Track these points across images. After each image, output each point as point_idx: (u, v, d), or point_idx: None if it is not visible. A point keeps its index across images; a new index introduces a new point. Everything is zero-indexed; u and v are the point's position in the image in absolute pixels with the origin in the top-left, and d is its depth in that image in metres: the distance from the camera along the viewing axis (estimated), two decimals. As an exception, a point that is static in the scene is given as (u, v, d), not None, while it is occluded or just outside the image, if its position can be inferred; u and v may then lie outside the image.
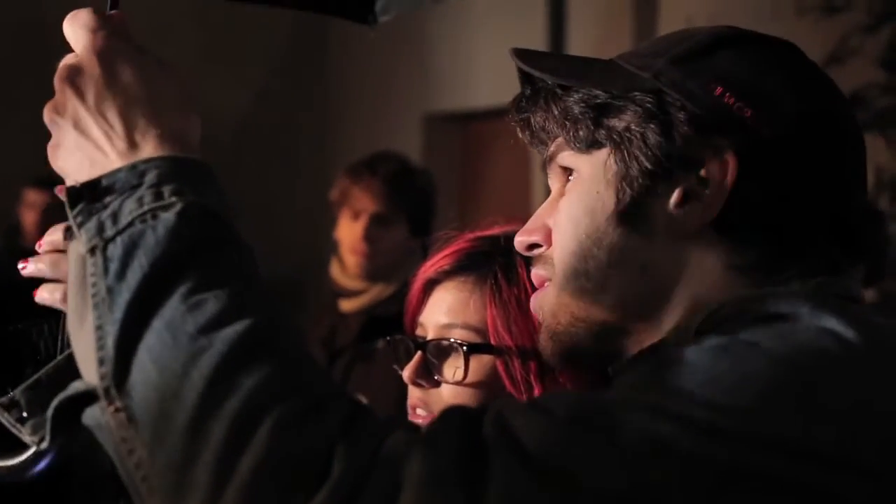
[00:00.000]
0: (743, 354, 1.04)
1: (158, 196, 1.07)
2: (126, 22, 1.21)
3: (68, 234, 1.11)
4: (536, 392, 1.56)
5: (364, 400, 3.20)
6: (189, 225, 1.06)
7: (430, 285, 1.66)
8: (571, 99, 1.25)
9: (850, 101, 1.31)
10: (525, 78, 1.32)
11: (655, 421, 0.99)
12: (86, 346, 1.06)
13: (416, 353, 1.64)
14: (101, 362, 1.04)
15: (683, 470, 0.97)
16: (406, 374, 1.64)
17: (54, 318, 1.36)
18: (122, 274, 1.04)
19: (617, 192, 1.23)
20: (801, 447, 1.00)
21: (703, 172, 1.20)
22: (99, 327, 1.04)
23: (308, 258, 6.96)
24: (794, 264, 1.20)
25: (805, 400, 1.02)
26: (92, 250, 1.07)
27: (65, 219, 3.91)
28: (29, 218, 5.72)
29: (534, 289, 1.46)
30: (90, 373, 1.06)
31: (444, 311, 1.63)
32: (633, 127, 1.21)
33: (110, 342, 1.03)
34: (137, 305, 1.03)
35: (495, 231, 1.69)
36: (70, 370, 1.11)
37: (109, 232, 1.06)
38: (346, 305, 3.62)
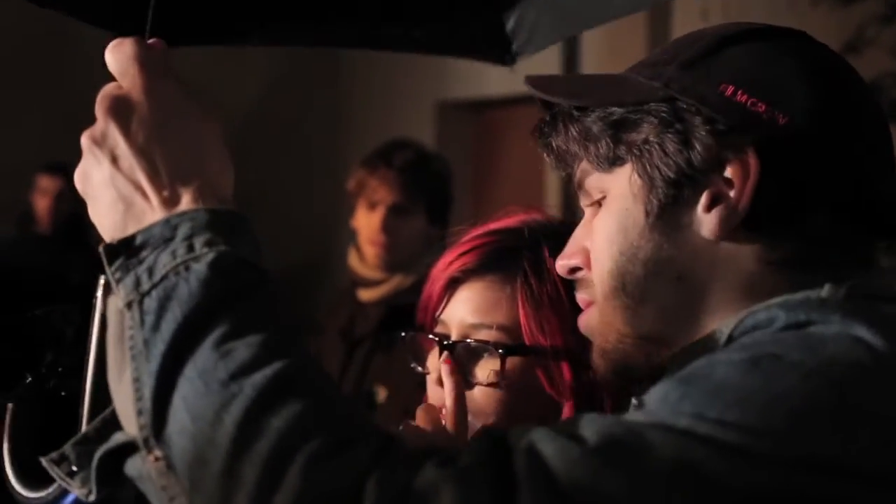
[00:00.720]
0: (773, 370, 1.04)
1: (190, 248, 1.09)
2: (167, 52, 1.22)
3: (107, 289, 1.13)
4: (569, 391, 1.55)
5: (383, 390, 3.16)
6: (220, 275, 1.08)
7: (454, 283, 1.62)
8: (588, 119, 1.27)
9: (867, 85, 1.30)
10: (544, 103, 1.33)
11: (687, 446, 0.99)
12: (125, 397, 1.08)
13: (441, 353, 1.60)
14: (139, 413, 1.06)
15: (716, 495, 0.98)
16: (436, 376, 1.60)
17: (72, 304, 1.37)
18: (157, 326, 1.06)
19: (645, 205, 1.24)
20: (838, 465, 1.00)
21: (726, 173, 1.20)
22: (136, 379, 1.06)
23: (322, 247, 6.98)
24: (826, 255, 1.20)
25: (839, 417, 1.02)
26: (129, 304, 1.09)
27: (77, 206, 3.90)
28: (41, 204, 5.74)
29: (563, 283, 1.50)
30: (130, 424, 1.08)
31: (470, 310, 1.60)
32: (651, 138, 1.22)
33: (147, 393, 1.05)
34: (172, 356, 1.05)
35: (516, 222, 1.66)
36: (116, 424, 1.13)
37: (145, 286, 1.09)
38: (365, 295, 3.60)
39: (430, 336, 1.63)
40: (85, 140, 1.16)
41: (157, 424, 1.05)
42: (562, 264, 1.35)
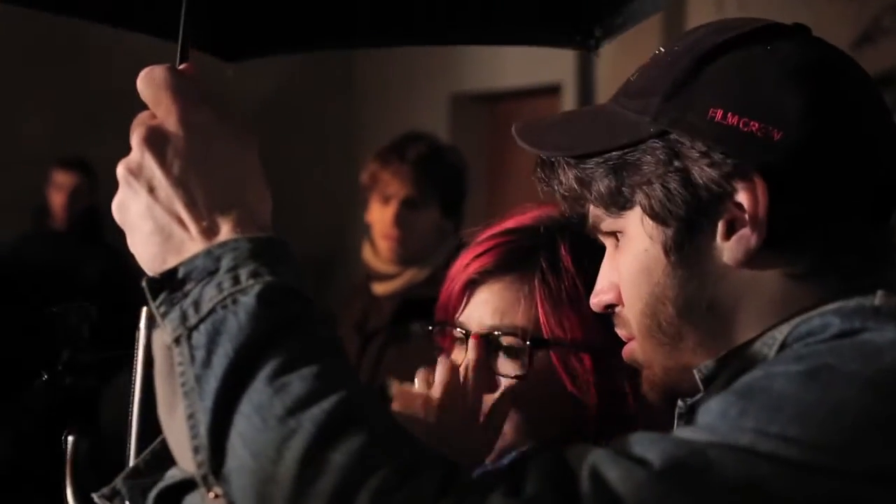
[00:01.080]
0: (830, 382, 1.03)
1: (236, 280, 1.09)
2: (199, 77, 1.22)
3: (150, 322, 1.13)
4: (591, 387, 1.55)
5: (396, 384, 3.14)
6: (268, 306, 1.07)
7: (472, 285, 1.62)
8: (587, 166, 1.26)
9: (858, 69, 1.26)
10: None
11: (751, 463, 0.99)
12: (179, 434, 1.08)
13: (467, 348, 1.59)
14: (196, 451, 1.05)
15: None
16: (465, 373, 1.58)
17: (89, 301, 1.37)
18: (208, 361, 1.06)
19: (663, 244, 1.23)
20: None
21: (737, 199, 1.19)
22: (191, 416, 1.06)
23: (337, 239, 6.99)
24: (848, 258, 1.20)
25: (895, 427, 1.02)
26: (177, 340, 1.08)
27: (92, 200, 3.91)
28: (57, 199, 5.74)
29: (581, 279, 1.53)
30: (186, 460, 1.08)
31: (489, 312, 1.59)
32: (653, 179, 1.21)
33: (203, 430, 1.05)
34: (226, 392, 1.04)
35: (531, 220, 1.65)
36: (166, 456, 1.13)
37: (192, 320, 1.08)
38: (379, 289, 3.59)
39: (457, 331, 1.62)
40: (121, 170, 1.15)
41: (216, 462, 1.04)
42: (595, 302, 1.34)
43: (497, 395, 1.56)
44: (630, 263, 1.26)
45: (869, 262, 1.20)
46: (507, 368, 1.57)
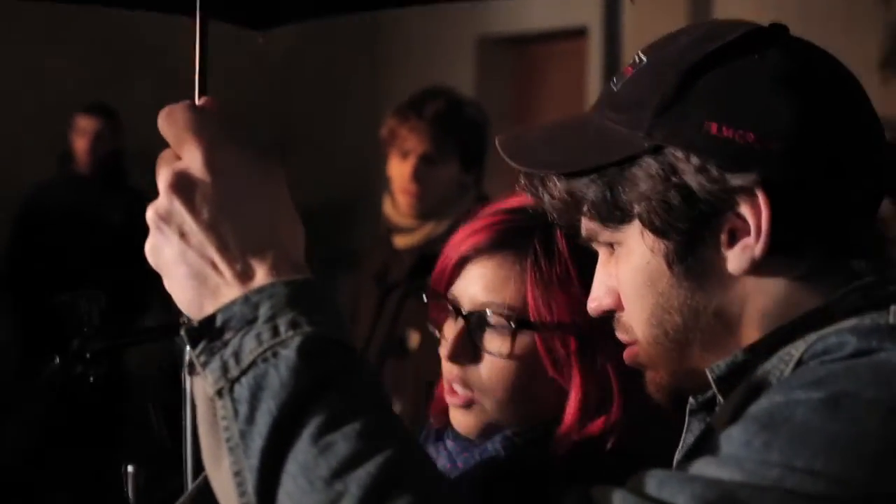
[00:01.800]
0: (851, 411, 1.04)
1: (276, 332, 1.08)
2: (220, 109, 1.21)
3: (191, 368, 1.12)
4: (574, 371, 1.57)
5: (416, 336, 3.15)
6: (309, 361, 1.07)
7: (465, 261, 1.64)
8: (580, 182, 1.25)
9: (840, 66, 1.26)
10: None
11: (784, 501, 1.00)
12: (226, 487, 1.09)
13: (457, 320, 1.63)
14: None
15: None
16: (445, 351, 1.63)
17: (99, 288, 1.36)
18: (251, 418, 1.06)
19: (665, 257, 1.23)
20: None
21: (739, 210, 1.19)
22: (237, 473, 1.06)
23: (362, 185, 6.98)
24: (848, 257, 1.21)
25: None
26: (219, 392, 1.08)
27: (116, 144, 3.95)
28: (80, 144, 5.73)
29: (574, 263, 1.56)
30: None
31: (480, 287, 1.61)
32: (651, 196, 1.20)
33: (251, 489, 1.06)
34: (271, 451, 1.05)
35: (529, 201, 1.63)
36: (211, 495, 1.13)
37: (234, 372, 1.08)
38: (400, 241, 3.63)
39: (448, 304, 1.65)
40: (150, 216, 1.14)
41: None
42: (594, 307, 1.33)
43: (480, 369, 1.60)
44: (632, 275, 1.26)
45: (869, 259, 1.21)
46: (492, 345, 1.60)
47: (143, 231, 1.13)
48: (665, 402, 1.31)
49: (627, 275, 1.27)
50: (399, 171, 3.58)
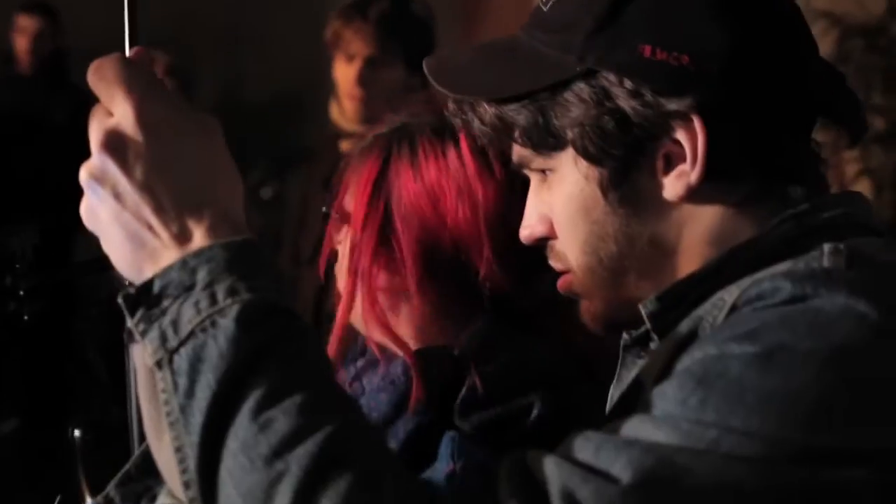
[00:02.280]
0: (787, 364, 1.03)
1: (213, 300, 1.05)
2: (149, 58, 1.16)
3: (129, 336, 1.10)
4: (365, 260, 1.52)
5: None
6: (248, 329, 1.05)
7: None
8: (510, 108, 1.23)
9: None
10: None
11: (719, 465, 0.99)
12: (168, 461, 1.07)
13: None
14: (186, 486, 1.05)
15: None
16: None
17: (30, 224, 1.34)
18: (191, 391, 1.04)
19: (599, 184, 1.21)
20: (858, 453, 1.00)
21: (674, 135, 1.17)
22: (178, 449, 1.05)
23: (309, 79, 6.90)
24: (784, 182, 1.21)
25: (854, 408, 1.02)
26: (158, 363, 1.06)
27: (57, 43, 3.89)
28: (21, 44, 5.62)
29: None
30: (177, 489, 1.07)
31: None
32: (584, 122, 1.19)
33: (192, 465, 1.04)
34: (212, 426, 1.03)
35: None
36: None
37: (172, 343, 1.06)
38: (347, 146, 3.52)
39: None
40: (84, 176, 1.11)
41: (207, 498, 1.04)
42: (526, 235, 1.32)
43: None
44: (565, 202, 1.24)
45: (802, 185, 1.21)
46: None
47: (87, 130, 1.10)
48: (600, 332, 1.31)
49: (561, 202, 1.26)
50: (344, 75, 3.51)
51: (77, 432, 1.36)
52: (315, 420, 1.02)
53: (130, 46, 1.19)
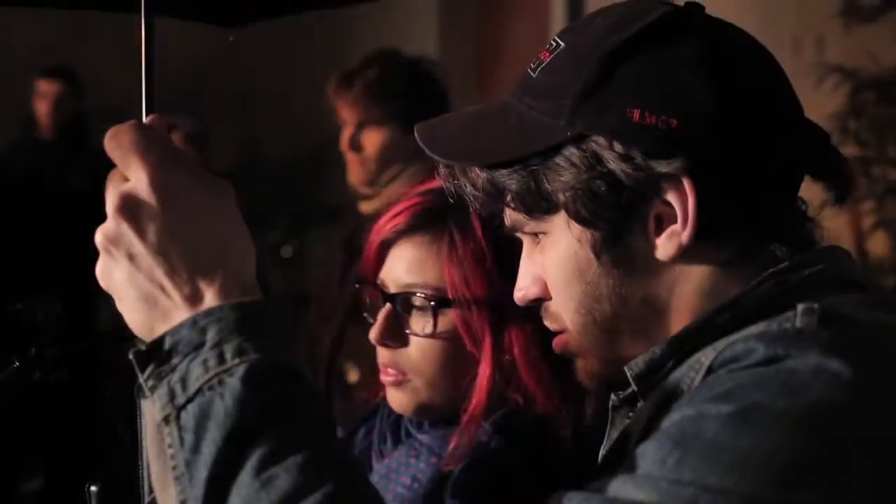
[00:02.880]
0: (760, 424, 1.04)
1: (221, 359, 1.09)
2: (165, 126, 1.20)
3: (139, 392, 1.13)
4: (486, 342, 1.59)
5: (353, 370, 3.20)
6: (254, 390, 1.07)
7: (387, 245, 1.67)
8: (502, 173, 1.25)
9: (758, 46, 1.26)
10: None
11: None
12: None
13: (384, 305, 1.65)
14: None
15: None
16: (373, 335, 1.65)
17: (54, 295, 1.36)
18: (196, 448, 1.07)
19: (592, 248, 1.23)
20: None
21: (665, 196, 1.19)
22: (183, 502, 1.07)
23: (327, 137, 6.96)
24: (772, 241, 1.22)
25: (828, 465, 1.02)
26: (166, 419, 1.09)
27: (78, 107, 3.94)
28: (41, 108, 5.68)
29: (487, 240, 1.60)
30: None
31: (404, 269, 1.64)
32: (575, 185, 1.20)
33: None
34: (215, 483, 1.05)
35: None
36: None
37: (180, 399, 1.09)
38: (364, 207, 3.66)
39: (371, 288, 1.69)
40: (99, 239, 1.14)
41: None
42: (520, 297, 1.34)
43: (408, 350, 1.63)
44: (559, 264, 1.26)
45: (788, 243, 1.22)
46: (416, 326, 1.63)
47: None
48: (596, 390, 1.35)
49: (554, 265, 1.27)
50: (342, 140, 3.61)
51: (93, 487, 1.38)
52: (315, 478, 1.04)
53: (147, 112, 1.21)
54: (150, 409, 1.11)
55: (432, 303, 1.60)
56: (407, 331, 1.63)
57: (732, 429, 1.04)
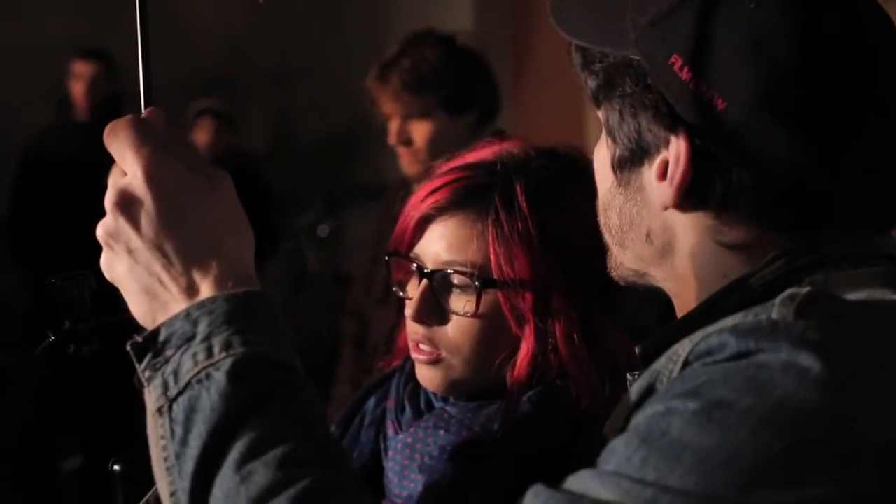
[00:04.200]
0: (725, 422, 1.01)
1: (209, 353, 1.12)
2: (163, 119, 1.21)
3: (139, 382, 1.16)
4: (529, 325, 1.58)
5: None
6: (238, 384, 1.11)
7: (427, 220, 1.64)
8: (594, 54, 1.23)
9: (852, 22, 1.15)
10: None
11: None
12: (166, 502, 1.13)
13: (421, 281, 1.63)
14: None
15: None
16: (410, 312, 1.63)
17: (89, 270, 1.37)
18: (185, 441, 1.10)
19: (611, 158, 1.24)
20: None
21: (669, 149, 1.17)
22: (173, 493, 1.11)
23: (361, 114, 6.96)
24: (779, 240, 1.17)
25: (791, 468, 0.99)
26: (160, 410, 1.13)
27: (113, 88, 3.97)
28: (77, 89, 5.71)
29: (533, 219, 1.56)
30: None
31: (443, 247, 1.61)
32: (612, 99, 1.21)
33: None
34: (201, 476, 1.09)
35: (490, 155, 1.66)
36: None
37: (172, 391, 1.12)
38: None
39: (410, 263, 1.65)
40: (100, 233, 1.18)
41: None
42: None
43: (446, 329, 1.61)
44: (597, 157, 1.29)
45: (804, 244, 1.17)
46: (457, 305, 1.60)
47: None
48: (624, 283, 1.34)
49: (596, 156, 1.30)
50: (390, 134, 3.55)
51: (117, 467, 1.40)
52: (293, 474, 1.07)
53: (146, 105, 1.23)
54: (148, 399, 1.15)
55: (476, 282, 1.57)
56: (446, 308, 1.61)
57: (697, 427, 1.02)
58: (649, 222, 1.23)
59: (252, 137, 6.93)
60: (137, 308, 1.18)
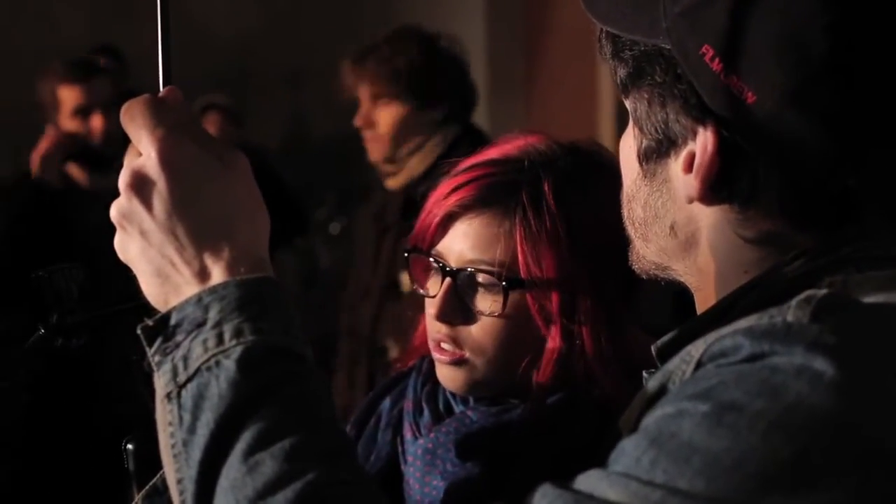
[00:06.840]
0: (737, 426, 1.00)
1: (220, 339, 1.11)
2: (181, 99, 1.20)
3: (149, 366, 1.15)
4: (556, 326, 1.55)
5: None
6: (248, 373, 1.09)
7: (450, 218, 1.60)
8: (623, 41, 1.20)
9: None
10: None
11: None
12: (173, 488, 1.12)
13: (444, 280, 1.59)
14: None
15: None
16: (434, 311, 1.59)
17: (75, 264, 1.38)
18: (193, 428, 1.09)
19: (637, 149, 1.22)
20: None
21: (696, 142, 1.14)
22: (179, 480, 1.09)
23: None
24: (804, 237, 1.15)
25: (798, 474, 0.98)
26: (168, 395, 1.11)
27: (124, 87, 3.97)
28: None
29: (561, 218, 1.52)
30: None
31: (468, 245, 1.58)
32: (641, 87, 1.18)
33: (189, 499, 1.09)
34: (207, 464, 1.07)
35: (515, 151, 1.62)
36: None
37: (181, 377, 1.11)
38: (391, 183, 3.70)
39: (433, 261, 1.62)
40: (114, 214, 1.17)
41: None
42: None
43: (471, 328, 1.58)
44: (623, 149, 1.26)
45: (819, 240, 1.15)
46: (483, 305, 1.57)
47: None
48: (644, 275, 1.31)
49: (622, 146, 1.27)
50: (357, 117, 3.67)
51: (130, 446, 1.41)
52: (300, 467, 1.05)
53: (164, 85, 1.22)
54: (158, 384, 1.13)
55: (503, 282, 1.54)
56: (471, 308, 1.58)
57: (707, 429, 1.01)
58: (674, 215, 1.20)
59: (266, 135, 6.94)
60: (150, 290, 1.16)
